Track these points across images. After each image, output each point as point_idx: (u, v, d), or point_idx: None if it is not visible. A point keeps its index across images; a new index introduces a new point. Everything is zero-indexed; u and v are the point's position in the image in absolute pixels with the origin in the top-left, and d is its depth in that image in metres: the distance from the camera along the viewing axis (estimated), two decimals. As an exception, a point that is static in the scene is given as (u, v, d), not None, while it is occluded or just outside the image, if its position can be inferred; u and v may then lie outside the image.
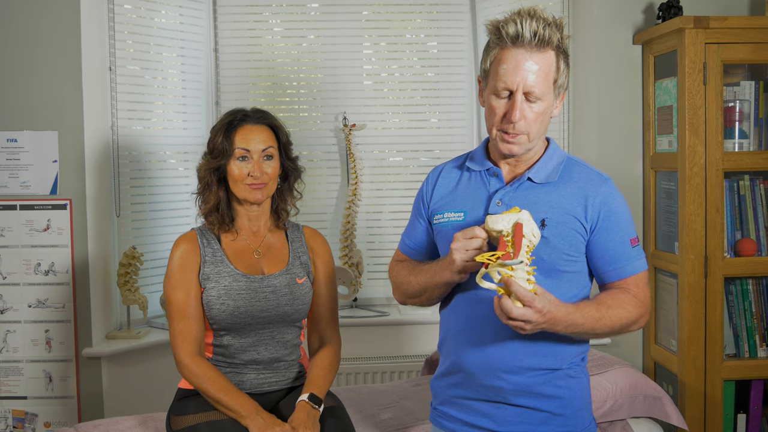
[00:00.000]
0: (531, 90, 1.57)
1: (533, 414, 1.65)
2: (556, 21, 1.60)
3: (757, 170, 2.74)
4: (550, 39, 1.56)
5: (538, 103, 1.59)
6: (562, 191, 1.66)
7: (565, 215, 1.63)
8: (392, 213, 3.45)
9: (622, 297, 1.65)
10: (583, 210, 1.64)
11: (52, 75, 2.81)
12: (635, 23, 2.99)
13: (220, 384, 1.96)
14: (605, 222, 1.64)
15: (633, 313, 1.64)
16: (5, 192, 2.84)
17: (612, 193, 1.67)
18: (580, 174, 1.69)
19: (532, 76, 1.57)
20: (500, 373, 1.65)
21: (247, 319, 2.03)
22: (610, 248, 1.65)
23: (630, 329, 1.68)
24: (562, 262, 1.63)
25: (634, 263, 1.67)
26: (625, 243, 1.66)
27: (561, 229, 1.62)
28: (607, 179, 1.69)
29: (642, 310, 1.66)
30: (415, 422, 2.34)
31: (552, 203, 1.64)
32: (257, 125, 2.09)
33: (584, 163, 1.74)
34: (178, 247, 2.07)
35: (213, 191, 2.09)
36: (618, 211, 1.66)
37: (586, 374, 1.75)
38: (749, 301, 2.75)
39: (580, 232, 1.64)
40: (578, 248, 1.65)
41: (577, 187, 1.66)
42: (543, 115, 1.61)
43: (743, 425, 2.76)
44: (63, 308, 2.87)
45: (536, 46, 1.56)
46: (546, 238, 1.61)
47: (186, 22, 3.23)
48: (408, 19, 3.45)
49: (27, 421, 2.88)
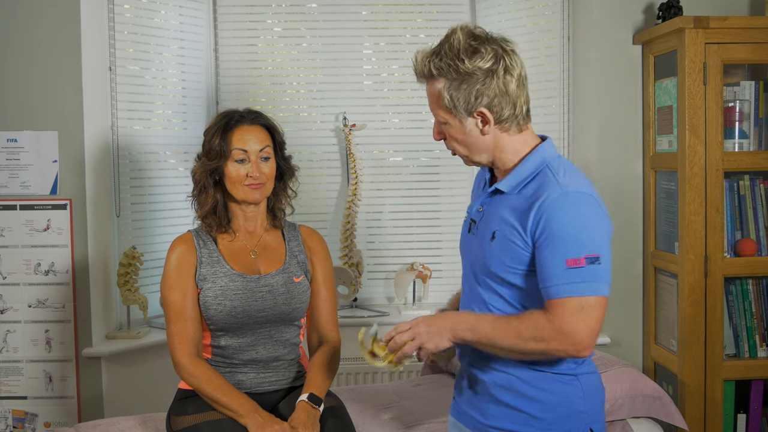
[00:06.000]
0: (434, 114, 1.71)
1: (513, 413, 1.65)
2: (436, 50, 1.65)
3: (757, 170, 2.74)
4: (422, 71, 1.67)
5: (446, 125, 1.68)
6: (515, 202, 1.62)
7: (508, 227, 1.60)
8: (392, 213, 3.45)
9: (532, 314, 1.54)
10: (525, 221, 1.57)
11: (52, 75, 2.81)
12: (635, 23, 2.99)
13: (218, 384, 1.96)
14: (541, 234, 1.55)
15: (532, 332, 1.51)
16: (5, 192, 2.84)
17: (555, 207, 1.53)
18: (540, 184, 1.60)
19: (429, 103, 1.71)
20: (483, 366, 1.69)
21: (245, 319, 2.03)
22: (542, 263, 1.54)
23: (537, 352, 1.53)
24: (509, 274, 1.61)
25: (563, 286, 1.50)
26: (558, 262, 1.51)
27: (502, 242, 1.61)
28: (562, 191, 1.54)
29: (553, 335, 1.50)
30: (416, 422, 2.34)
31: (503, 215, 1.63)
32: (253, 126, 2.09)
33: (560, 170, 1.61)
34: (174, 249, 2.07)
35: (210, 193, 2.09)
36: (557, 227, 1.52)
37: (584, 382, 1.66)
38: (749, 301, 2.74)
39: (520, 246, 1.58)
40: (521, 261, 1.59)
41: (529, 197, 1.60)
42: (461, 135, 1.66)
43: (743, 425, 2.76)
44: (63, 308, 2.87)
45: (423, 79, 1.70)
46: (492, 249, 1.63)
47: (186, 22, 3.23)
48: (408, 19, 3.45)
49: (27, 421, 2.89)
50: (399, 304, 3.34)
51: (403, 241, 3.43)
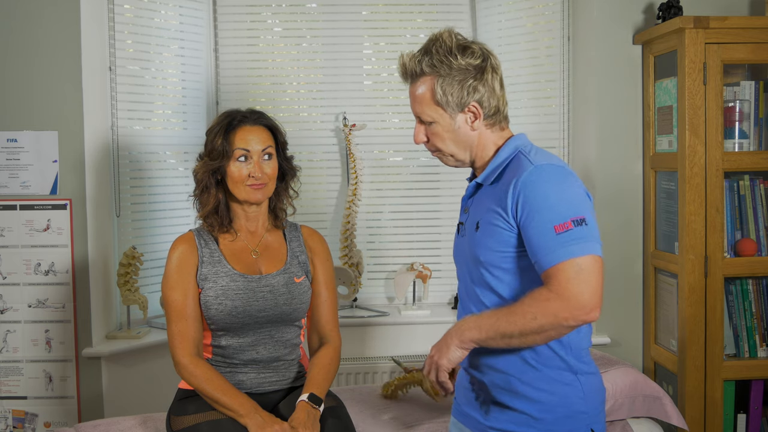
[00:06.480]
0: (419, 115, 1.71)
1: (513, 413, 1.66)
2: (424, 50, 1.68)
3: (757, 170, 2.74)
4: (413, 70, 1.69)
5: (433, 124, 1.69)
6: (494, 190, 1.66)
7: (490, 213, 1.63)
8: (392, 213, 3.45)
9: (531, 293, 1.53)
10: (504, 203, 1.60)
11: (52, 75, 2.81)
12: (635, 23, 2.99)
13: (218, 384, 1.96)
14: (523, 211, 1.56)
15: (536, 308, 1.50)
16: (5, 192, 2.84)
17: (532, 180, 1.56)
18: (514, 167, 1.64)
19: (414, 104, 1.72)
20: (482, 368, 1.70)
21: (245, 318, 2.03)
22: (530, 238, 1.55)
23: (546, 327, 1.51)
24: (499, 260, 1.62)
25: (556, 252, 1.50)
26: (546, 231, 1.52)
27: (487, 228, 1.63)
28: (535, 166, 1.58)
29: (557, 304, 1.49)
30: (416, 422, 2.34)
31: (484, 204, 1.67)
32: (255, 126, 2.09)
33: (531, 152, 1.65)
34: (175, 249, 2.07)
35: (212, 193, 2.09)
36: (536, 197, 1.54)
37: (585, 382, 1.67)
38: (749, 301, 2.75)
39: (504, 227, 1.60)
40: (508, 243, 1.60)
41: (506, 181, 1.63)
42: (448, 133, 1.69)
43: (743, 425, 2.76)
44: (63, 308, 2.87)
45: (410, 78, 1.71)
46: (478, 239, 1.65)
47: (186, 22, 3.23)
48: (408, 19, 3.45)
49: (27, 421, 2.89)
50: (399, 304, 3.34)
51: (403, 241, 3.43)
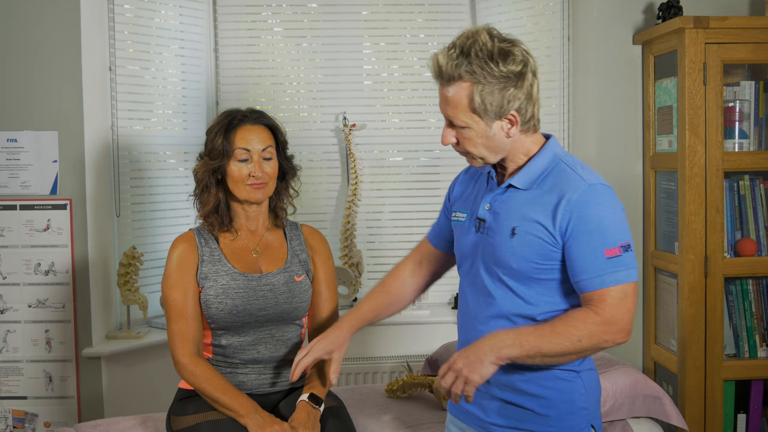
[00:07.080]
0: (450, 119, 1.63)
1: (516, 410, 1.66)
2: (463, 51, 1.58)
3: (757, 170, 2.74)
4: (450, 74, 1.59)
5: (466, 129, 1.62)
6: (537, 198, 1.62)
7: (532, 223, 1.60)
8: (392, 213, 3.45)
9: (575, 314, 1.56)
10: (552, 217, 1.58)
11: (52, 75, 2.81)
12: (635, 23, 2.99)
13: (218, 383, 1.96)
14: (574, 230, 1.56)
15: (582, 331, 1.54)
16: (5, 192, 2.84)
17: (586, 201, 1.56)
18: (560, 179, 1.62)
19: (446, 107, 1.63)
20: None
21: (246, 317, 2.03)
22: (578, 258, 1.56)
23: (588, 348, 1.56)
24: (532, 270, 1.61)
25: (605, 276, 1.54)
26: (596, 254, 1.54)
27: (526, 238, 1.60)
28: (588, 184, 1.58)
29: (603, 328, 1.54)
30: (416, 422, 2.34)
31: (523, 211, 1.62)
32: (256, 125, 2.09)
33: (576, 165, 1.64)
34: (175, 248, 2.07)
35: (212, 193, 2.08)
36: (591, 219, 1.55)
37: (586, 379, 1.69)
38: (749, 301, 2.75)
39: (547, 240, 1.59)
40: (547, 256, 1.60)
41: (553, 193, 1.60)
42: (482, 139, 1.62)
43: (743, 425, 2.76)
44: (63, 308, 2.87)
45: (445, 80, 1.61)
46: (513, 246, 1.61)
47: (186, 22, 3.23)
48: (408, 19, 3.45)
49: (27, 421, 2.89)
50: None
51: (403, 241, 3.43)
